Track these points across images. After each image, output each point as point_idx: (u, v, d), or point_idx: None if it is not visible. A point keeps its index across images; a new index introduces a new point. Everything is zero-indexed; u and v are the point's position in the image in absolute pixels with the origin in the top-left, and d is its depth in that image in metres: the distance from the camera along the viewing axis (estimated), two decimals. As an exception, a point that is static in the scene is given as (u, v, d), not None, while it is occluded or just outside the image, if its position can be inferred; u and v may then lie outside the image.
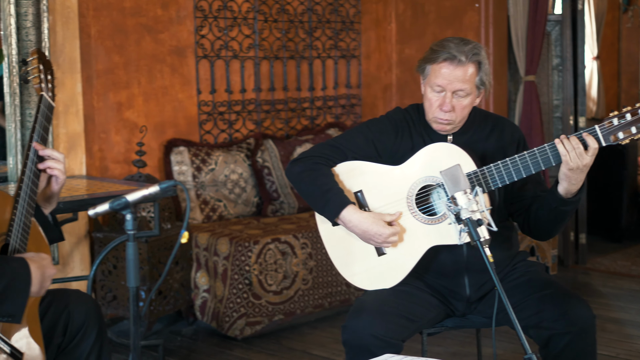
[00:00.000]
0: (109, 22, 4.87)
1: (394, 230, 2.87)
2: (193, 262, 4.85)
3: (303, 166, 2.98)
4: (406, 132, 3.02)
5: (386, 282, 2.94)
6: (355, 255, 2.97)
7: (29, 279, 2.13)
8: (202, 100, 5.35)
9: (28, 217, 2.30)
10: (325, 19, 5.96)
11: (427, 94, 2.95)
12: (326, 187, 2.91)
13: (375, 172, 2.97)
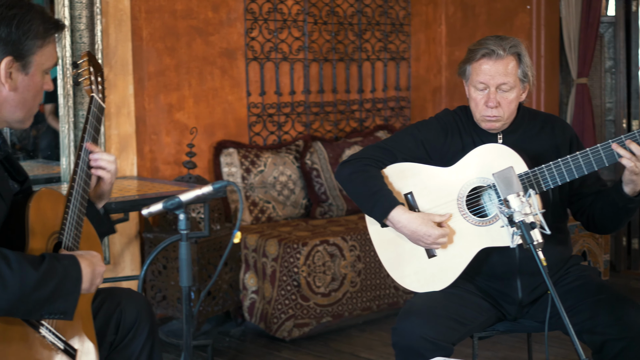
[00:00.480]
0: (161, 24, 4.92)
1: (444, 231, 2.85)
2: (242, 263, 4.87)
3: (352, 168, 2.97)
4: (456, 133, 3.00)
5: (436, 284, 2.92)
6: (405, 257, 2.96)
7: (80, 276, 2.15)
8: (252, 102, 5.37)
9: (80, 215, 2.33)
10: (375, 21, 5.95)
11: (471, 94, 2.94)
12: (375, 189, 2.90)
13: (425, 173, 2.95)
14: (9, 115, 2.23)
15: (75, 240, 2.29)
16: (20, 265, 2.01)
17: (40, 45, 2.22)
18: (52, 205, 2.28)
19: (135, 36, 4.79)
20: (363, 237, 4.90)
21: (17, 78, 2.20)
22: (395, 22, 6.07)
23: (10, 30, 2.16)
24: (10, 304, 1.99)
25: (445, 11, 6.37)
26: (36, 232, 2.18)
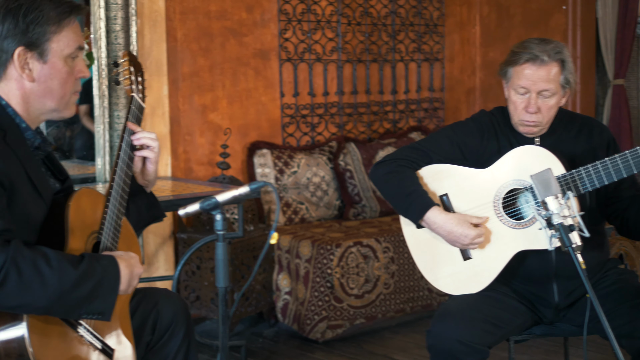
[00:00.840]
0: (195, 25, 4.94)
1: (480, 231, 2.83)
2: (275, 264, 4.87)
3: (387, 169, 2.96)
4: (492, 135, 2.97)
5: (472, 287, 2.90)
6: (441, 259, 2.94)
7: (118, 277, 2.15)
8: (285, 103, 5.37)
9: (119, 215, 2.34)
10: (409, 21, 5.93)
11: (511, 97, 2.91)
12: (410, 189, 2.88)
13: (460, 175, 2.93)
14: (39, 106, 2.24)
15: (113, 240, 2.30)
16: (60, 263, 2.02)
17: (55, 30, 2.20)
18: (91, 205, 2.29)
19: (170, 37, 4.81)
20: (397, 238, 4.88)
21: (35, 68, 2.19)
22: (429, 23, 6.05)
23: (17, 20, 2.15)
24: (49, 302, 2.00)
25: (479, 12, 6.33)
26: (75, 232, 2.19)
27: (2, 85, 2.21)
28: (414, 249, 3.00)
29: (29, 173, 2.17)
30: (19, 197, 2.11)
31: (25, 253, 1.98)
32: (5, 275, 1.94)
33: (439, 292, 4.95)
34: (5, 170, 2.06)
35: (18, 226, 2.08)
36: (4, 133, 2.15)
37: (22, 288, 1.96)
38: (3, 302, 1.97)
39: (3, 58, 2.18)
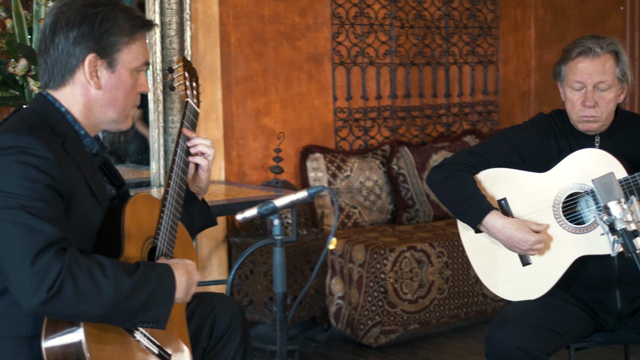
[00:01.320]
0: (249, 29, 4.94)
1: (540, 237, 2.78)
2: (328, 268, 4.85)
3: (445, 173, 2.92)
4: (551, 138, 2.92)
5: (531, 293, 2.85)
6: (499, 265, 2.89)
7: (173, 286, 2.13)
8: (338, 107, 5.35)
9: (175, 220, 2.34)
10: (463, 24, 5.87)
11: (567, 95, 2.86)
12: (468, 193, 2.84)
13: (519, 179, 2.88)
14: (101, 115, 2.24)
15: (169, 245, 2.30)
16: (115, 272, 2.01)
17: (126, 42, 2.20)
18: (147, 210, 2.29)
19: (224, 41, 4.83)
20: (451, 243, 4.83)
21: (103, 76, 2.20)
22: (483, 25, 5.98)
23: (93, 28, 2.16)
24: (104, 311, 1.99)
25: (534, 13, 6.24)
26: (132, 237, 2.20)
27: (66, 90, 2.22)
28: (472, 254, 2.95)
29: (87, 180, 2.17)
30: (77, 204, 2.12)
31: (81, 262, 1.98)
32: (61, 284, 1.93)
33: (494, 298, 4.90)
34: (63, 178, 2.06)
35: (76, 233, 2.09)
36: (63, 140, 2.15)
37: (77, 297, 1.95)
38: (59, 311, 1.97)
39: (72, 63, 2.18)
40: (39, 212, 1.97)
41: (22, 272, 1.93)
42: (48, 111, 2.19)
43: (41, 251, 1.94)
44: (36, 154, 2.01)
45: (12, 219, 1.96)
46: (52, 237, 1.96)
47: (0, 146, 2.02)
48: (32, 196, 1.98)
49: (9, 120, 2.17)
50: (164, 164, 4.51)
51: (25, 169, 1.99)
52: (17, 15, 4.01)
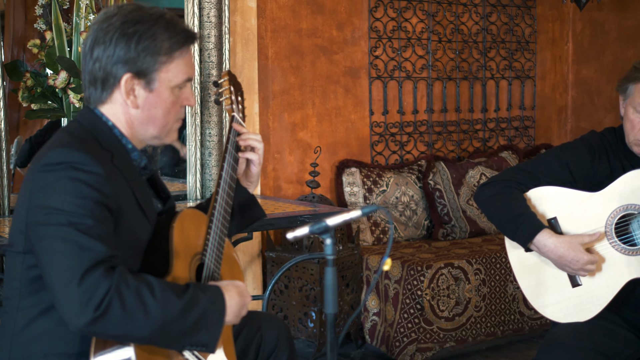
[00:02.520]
0: (286, 43, 4.92)
1: (593, 257, 2.71)
2: (363, 284, 4.80)
3: (493, 190, 2.87)
4: (604, 157, 2.85)
5: (581, 315, 2.78)
6: (548, 285, 2.83)
7: (223, 309, 2.09)
8: (375, 121, 5.31)
9: (222, 237, 2.30)
10: (500, 39, 5.82)
11: (628, 115, 2.78)
12: (519, 211, 2.78)
13: (570, 198, 2.82)
14: (142, 132, 2.21)
15: (217, 262, 2.26)
16: (164, 293, 1.97)
17: (165, 61, 2.15)
18: (195, 226, 2.26)
19: (261, 55, 4.81)
20: (488, 260, 4.76)
21: (140, 95, 2.16)
22: (521, 40, 5.92)
23: (129, 47, 2.11)
24: (152, 332, 1.95)
25: (572, 28, 6.18)
26: (180, 254, 2.16)
27: (107, 107, 2.19)
28: (519, 273, 2.89)
29: (136, 195, 2.14)
30: (126, 221, 2.09)
31: (129, 281, 1.94)
32: (109, 303, 1.89)
33: (534, 317, 4.82)
34: (113, 194, 2.03)
35: (124, 249, 2.06)
36: (112, 154, 2.13)
37: (124, 317, 1.91)
38: (105, 331, 1.93)
39: (110, 82, 2.15)
40: (88, 229, 1.94)
41: (69, 290, 1.89)
42: (96, 125, 2.17)
43: (89, 269, 1.90)
44: (86, 169, 1.99)
45: (61, 236, 1.93)
46: (101, 255, 1.93)
47: (50, 162, 2.00)
48: (82, 213, 1.95)
49: (57, 135, 2.15)
50: (200, 178, 4.48)
51: (75, 185, 1.97)
52: (57, 27, 4.01)
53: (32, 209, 1.99)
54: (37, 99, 4.15)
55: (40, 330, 2.06)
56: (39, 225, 1.97)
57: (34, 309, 2.07)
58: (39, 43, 4.12)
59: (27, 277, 2.07)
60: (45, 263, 1.94)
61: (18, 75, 4.12)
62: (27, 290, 2.07)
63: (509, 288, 4.84)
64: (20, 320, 2.07)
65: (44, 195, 1.98)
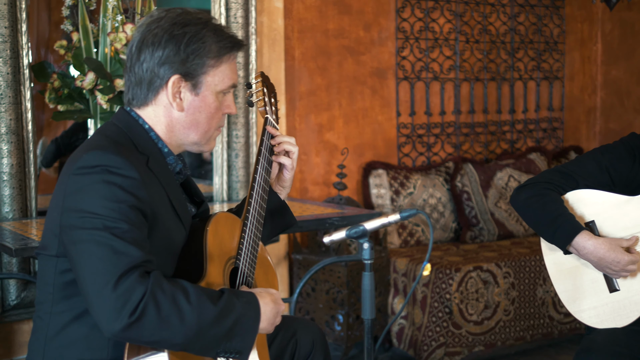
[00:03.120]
0: (313, 44, 4.88)
1: (634, 257, 2.65)
2: (391, 287, 4.75)
3: (530, 192, 2.81)
4: (644, 160, 2.79)
5: (618, 321, 2.72)
6: (585, 290, 2.77)
7: (258, 315, 2.05)
8: (401, 123, 5.26)
9: (256, 240, 2.26)
10: (528, 39, 5.75)
11: None
12: (556, 213, 2.73)
13: (609, 201, 2.76)
14: (182, 137, 2.18)
15: (251, 266, 2.22)
16: (199, 299, 1.93)
17: (213, 65, 2.13)
18: (229, 230, 2.23)
19: (288, 56, 4.77)
20: (517, 263, 4.70)
21: (186, 98, 2.13)
22: (549, 41, 5.85)
23: (178, 49, 2.09)
24: (186, 339, 1.91)
25: (601, 28, 6.10)
26: (214, 258, 2.13)
27: (149, 109, 2.16)
28: (555, 277, 2.84)
29: (171, 199, 2.11)
30: (161, 225, 2.05)
31: (164, 286, 1.90)
32: (144, 309, 1.86)
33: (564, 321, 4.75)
34: (148, 198, 1.99)
35: (159, 254, 2.02)
36: (147, 158, 2.09)
37: (159, 323, 1.88)
38: (139, 337, 1.89)
39: (157, 83, 2.12)
40: (122, 233, 1.91)
41: (104, 295, 1.86)
42: (132, 128, 2.13)
43: (124, 274, 1.87)
44: (122, 173, 1.95)
45: (96, 240, 1.90)
46: (136, 259, 1.89)
47: (85, 165, 1.96)
48: (117, 217, 1.91)
49: (93, 137, 2.12)
50: (227, 179, 4.46)
51: (111, 189, 1.93)
52: (84, 28, 3.99)
53: (66, 212, 1.96)
54: (64, 100, 4.13)
55: (73, 336, 2.03)
56: (73, 229, 1.93)
57: (68, 314, 2.04)
58: (66, 44, 4.10)
59: (61, 281, 2.04)
60: (79, 267, 1.91)
61: (45, 77, 4.10)
62: (61, 295, 2.04)
63: (539, 292, 4.78)
64: (54, 325, 2.05)
65: (78, 198, 1.95)
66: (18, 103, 3.80)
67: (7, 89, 3.74)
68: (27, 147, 3.86)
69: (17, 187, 3.80)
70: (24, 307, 3.90)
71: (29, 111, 3.84)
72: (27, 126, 3.85)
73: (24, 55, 3.81)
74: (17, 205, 3.81)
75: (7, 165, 3.77)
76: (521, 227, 5.31)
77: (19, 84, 3.80)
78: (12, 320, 3.88)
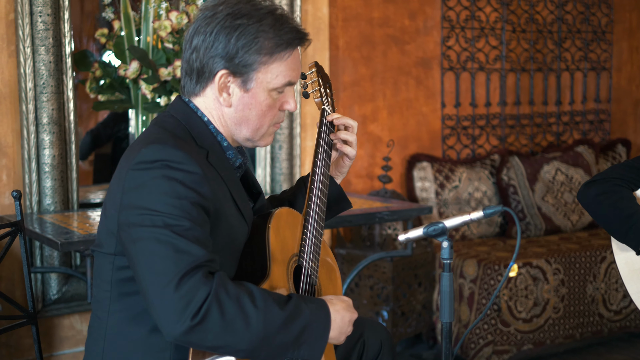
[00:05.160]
0: (357, 33, 4.75)
1: None
2: (436, 283, 4.63)
3: (600, 188, 2.68)
4: None
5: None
6: (658, 292, 2.64)
7: (328, 323, 1.92)
8: (446, 114, 5.13)
9: (318, 237, 2.15)
10: (576, 28, 5.58)
11: None
12: (630, 211, 2.59)
13: (685, 198, 2.63)
14: (234, 131, 2.05)
15: (314, 264, 2.11)
16: (266, 303, 1.81)
17: (265, 61, 1.97)
18: (291, 226, 2.11)
19: (332, 45, 4.65)
20: (567, 259, 4.56)
21: (234, 94, 2.00)
22: (597, 30, 5.68)
23: (228, 42, 1.95)
24: (251, 344, 1.79)
25: (650, 18, 5.92)
26: (277, 256, 2.01)
27: (200, 100, 2.05)
28: (627, 277, 2.70)
29: (233, 195, 1.99)
30: (224, 222, 1.94)
31: (229, 289, 1.78)
32: (207, 312, 1.74)
33: (613, 319, 4.61)
34: (210, 195, 1.88)
35: (221, 252, 1.91)
36: (207, 152, 1.98)
37: (223, 327, 1.76)
38: (202, 342, 1.77)
39: (205, 75, 2.00)
40: (184, 231, 1.79)
41: (165, 296, 1.75)
42: (191, 120, 2.02)
43: (187, 274, 1.75)
44: (183, 168, 1.84)
45: (157, 238, 1.78)
46: (199, 259, 1.78)
47: (145, 160, 1.85)
48: (178, 214, 1.80)
49: (150, 130, 2.00)
50: (270, 172, 4.35)
51: (172, 184, 1.82)
52: (126, 16, 3.89)
53: (125, 209, 1.85)
54: (105, 90, 4.04)
55: (133, 337, 1.92)
56: (132, 227, 1.82)
57: (125, 313, 1.93)
58: (107, 32, 4.00)
59: (118, 278, 1.93)
60: (139, 266, 1.80)
61: (86, 66, 4.01)
62: (118, 293, 1.94)
63: (589, 289, 4.64)
64: (112, 324, 1.94)
65: (137, 195, 1.84)
66: (60, 92, 3.71)
67: (50, 78, 3.65)
68: (68, 138, 3.77)
69: (58, 178, 3.72)
70: (65, 302, 3.82)
71: (70, 101, 3.75)
72: (69, 116, 3.76)
73: (66, 43, 3.72)
74: (58, 197, 3.72)
75: (49, 157, 3.68)
76: (569, 222, 5.16)
77: (61, 72, 3.71)
78: (52, 315, 3.80)
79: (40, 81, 3.64)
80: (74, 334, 3.88)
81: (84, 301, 3.85)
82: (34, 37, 3.62)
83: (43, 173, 3.69)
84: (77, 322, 3.89)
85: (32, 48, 3.62)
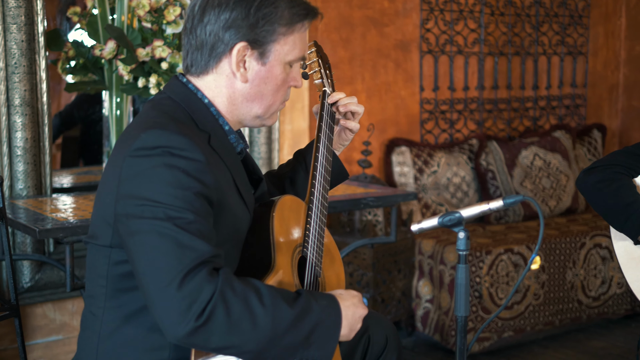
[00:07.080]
0: (336, 14, 4.65)
1: None
2: (415, 270, 4.56)
3: (599, 176, 2.62)
4: None
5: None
6: (659, 281, 2.59)
7: (339, 321, 1.82)
8: (425, 98, 5.05)
9: (322, 226, 2.05)
10: (553, 12, 5.53)
11: None
12: (629, 200, 2.54)
13: (687, 185, 2.58)
14: (245, 110, 1.95)
15: (318, 255, 2.01)
16: (274, 301, 1.71)
17: (284, 32, 1.90)
18: (294, 215, 2.01)
19: (311, 26, 4.53)
20: (548, 245, 4.53)
21: (251, 68, 1.90)
22: (574, 14, 5.64)
23: (248, 12, 1.86)
24: (259, 345, 1.69)
25: (626, 2, 5.89)
26: (281, 247, 1.91)
27: (209, 78, 1.93)
28: (625, 266, 2.65)
29: (236, 182, 1.89)
30: (228, 212, 1.83)
31: (235, 286, 1.68)
32: (212, 311, 1.64)
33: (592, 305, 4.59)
34: (214, 183, 1.77)
35: (225, 244, 1.81)
36: (209, 136, 1.87)
37: (229, 328, 1.65)
38: (206, 343, 1.67)
39: (220, 49, 1.89)
40: (188, 224, 1.68)
41: (167, 295, 1.63)
42: (191, 102, 1.91)
43: (191, 271, 1.64)
44: (185, 155, 1.73)
45: (158, 232, 1.67)
46: (204, 254, 1.67)
47: (144, 146, 1.73)
48: (181, 206, 1.69)
49: (147, 113, 1.87)
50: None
51: (174, 173, 1.70)
52: (100, -6, 3.74)
53: (123, 198, 1.73)
54: (78, 71, 3.89)
55: (130, 337, 1.81)
56: (130, 218, 1.71)
57: (122, 309, 1.82)
58: (79, 11, 3.85)
59: (114, 273, 1.81)
60: (138, 262, 1.69)
61: (59, 45, 3.86)
62: (114, 288, 1.82)
63: (568, 275, 4.61)
64: (107, 322, 1.83)
65: (136, 184, 1.72)
66: (33, 73, 3.55)
67: (22, 57, 3.50)
68: (41, 120, 3.62)
69: (31, 162, 3.57)
70: (38, 290, 3.68)
71: (44, 82, 3.60)
72: (42, 98, 3.61)
73: (39, 21, 3.56)
74: (31, 182, 3.58)
75: (22, 140, 3.53)
76: (547, 208, 5.13)
77: (33, 52, 3.55)
78: (25, 303, 3.66)
79: (12, 61, 3.49)
80: (47, 323, 3.75)
81: (58, 289, 3.72)
82: (5, 15, 3.46)
83: (15, 157, 3.54)
84: (50, 310, 3.75)
85: (4, 26, 3.46)
